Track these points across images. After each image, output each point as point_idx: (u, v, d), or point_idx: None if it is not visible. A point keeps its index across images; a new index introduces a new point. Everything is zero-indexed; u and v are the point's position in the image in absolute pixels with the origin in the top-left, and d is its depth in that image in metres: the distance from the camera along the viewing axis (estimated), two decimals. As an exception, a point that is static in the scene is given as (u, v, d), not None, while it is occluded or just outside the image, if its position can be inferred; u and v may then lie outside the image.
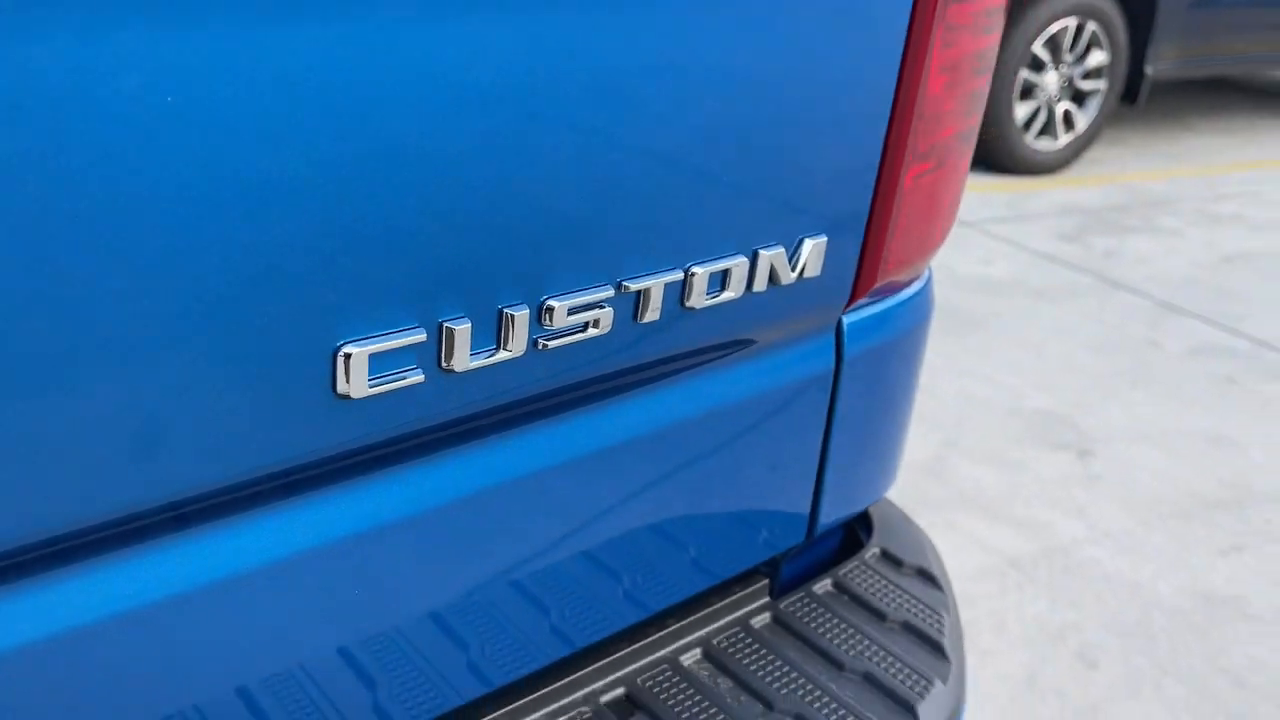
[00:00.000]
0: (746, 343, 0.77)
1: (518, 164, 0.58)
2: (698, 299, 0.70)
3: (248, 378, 0.54)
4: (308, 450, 0.58)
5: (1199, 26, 6.18)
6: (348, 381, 0.56)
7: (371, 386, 0.57)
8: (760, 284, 0.73)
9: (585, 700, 0.79)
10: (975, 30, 0.81)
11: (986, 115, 5.57)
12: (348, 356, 0.56)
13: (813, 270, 0.75)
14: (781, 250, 0.73)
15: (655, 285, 0.67)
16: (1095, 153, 6.27)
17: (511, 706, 0.77)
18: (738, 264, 0.71)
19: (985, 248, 4.70)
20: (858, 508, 0.93)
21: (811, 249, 0.74)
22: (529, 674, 0.75)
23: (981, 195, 5.42)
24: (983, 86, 0.86)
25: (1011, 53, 5.46)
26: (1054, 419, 3.23)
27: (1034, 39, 5.54)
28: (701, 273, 0.69)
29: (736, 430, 0.80)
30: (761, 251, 0.72)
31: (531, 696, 0.77)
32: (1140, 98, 5.99)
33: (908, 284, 0.90)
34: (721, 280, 0.70)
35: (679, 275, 0.68)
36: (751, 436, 0.81)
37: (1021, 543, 2.61)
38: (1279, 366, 3.71)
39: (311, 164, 0.52)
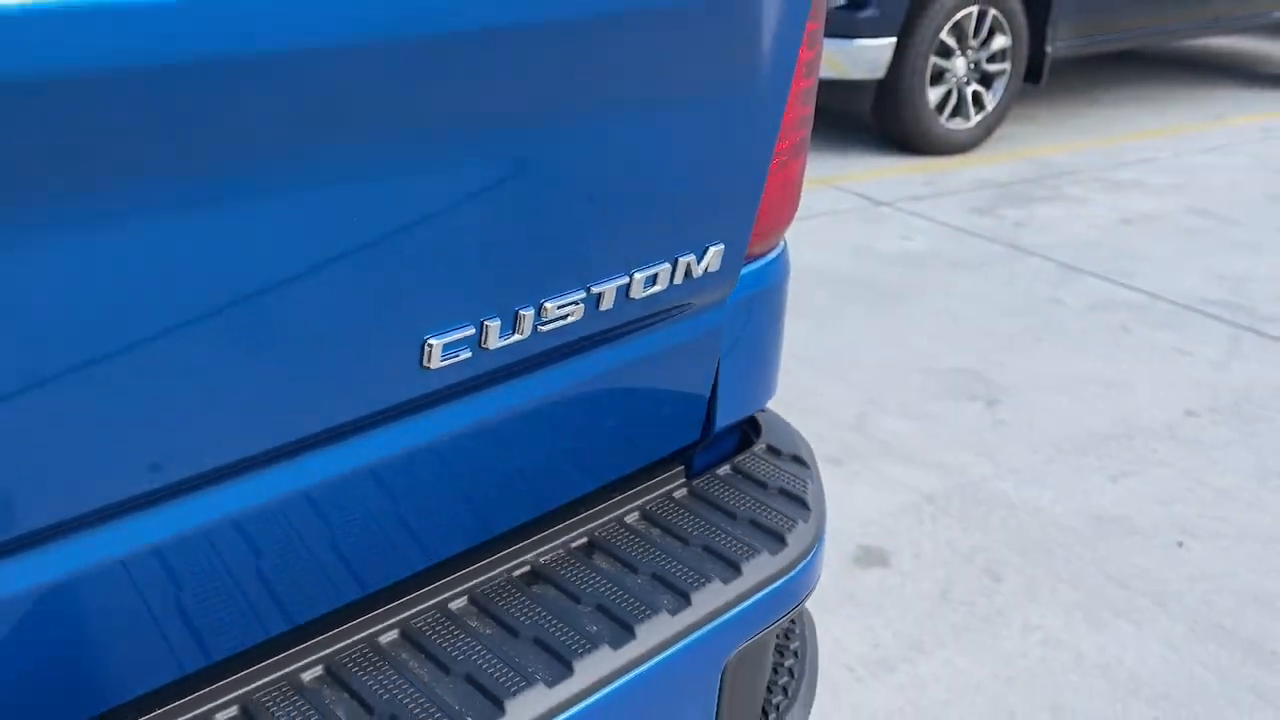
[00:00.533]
0: (670, 311, 1.08)
1: (527, 225, 0.92)
2: (638, 292, 1.02)
3: (378, 356, 0.87)
4: (404, 397, 0.92)
5: (1093, 5, 6.61)
6: (429, 360, 0.89)
7: (441, 361, 0.90)
8: (679, 279, 1.05)
9: (560, 546, 1.11)
10: (817, 52, 1.12)
11: (901, 100, 5.94)
12: (430, 345, 0.89)
13: (714, 267, 1.07)
14: (693, 256, 1.05)
15: (609, 288, 1.00)
16: (1005, 130, 6.67)
17: (506, 551, 1.11)
18: (664, 269, 1.02)
19: (905, 224, 5.05)
20: (746, 413, 1.25)
21: (714, 253, 1.07)
22: (511, 528, 1.08)
23: (901, 176, 5.78)
24: (813, 91, 1.18)
25: (921, 40, 5.82)
26: (966, 375, 3.58)
27: (941, 27, 5.91)
28: (640, 276, 1.02)
29: (661, 364, 1.12)
30: (680, 258, 1.04)
31: (519, 544, 1.10)
32: (1043, 76, 6.40)
33: (770, 251, 1.22)
34: (653, 279, 1.02)
35: (625, 279, 1.01)
36: (670, 367, 1.13)
37: (935, 481, 2.95)
38: (1168, 315, 4.09)
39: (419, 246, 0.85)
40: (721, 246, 1.07)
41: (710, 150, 1.02)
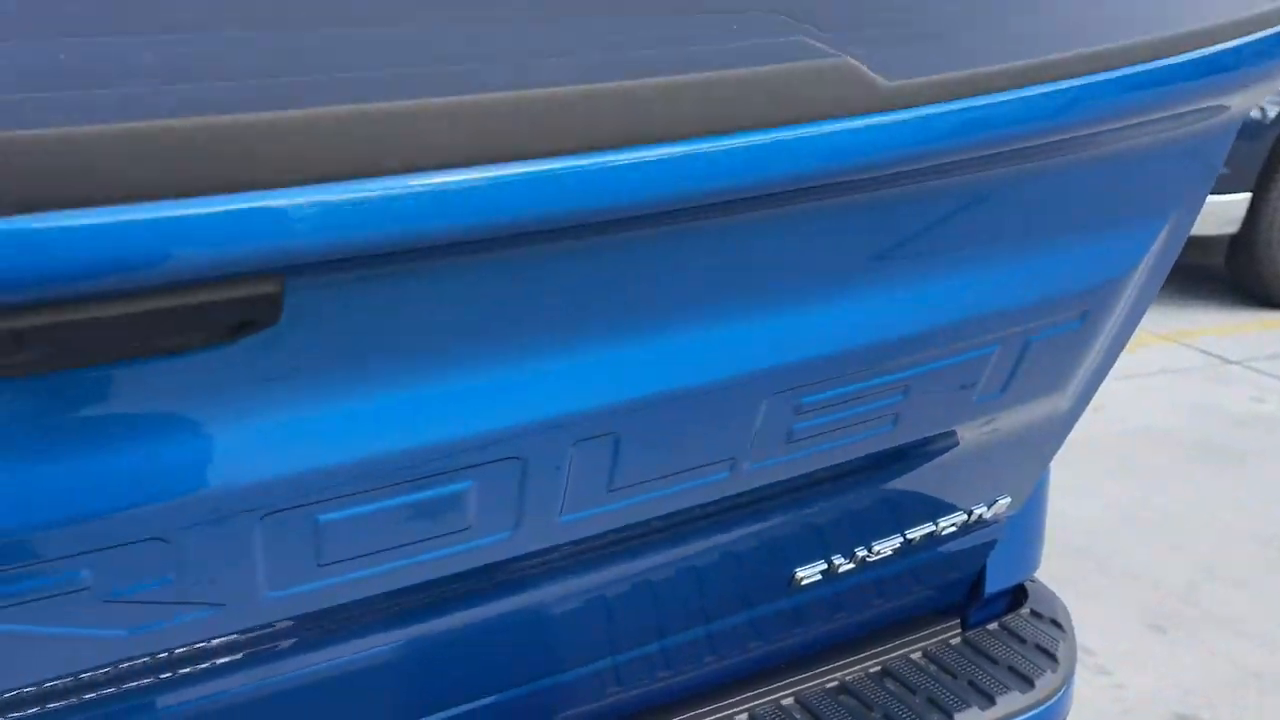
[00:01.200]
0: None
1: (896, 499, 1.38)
2: (939, 531, 1.40)
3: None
4: (773, 607, 1.38)
5: None
6: (796, 582, 1.32)
7: (803, 581, 1.32)
8: (971, 521, 1.42)
9: (862, 669, 1.48)
10: None
11: (1257, 253, 5.78)
12: (798, 574, 1.31)
13: (1003, 511, 1.45)
14: (985, 508, 1.42)
15: (923, 532, 1.38)
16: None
17: (825, 668, 1.47)
18: (959, 518, 1.40)
19: (1256, 385, 4.91)
20: (1011, 584, 1.59)
21: (1003, 504, 1.44)
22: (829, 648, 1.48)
23: (1256, 333, 5.59)
24: None
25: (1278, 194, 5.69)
26: (1313, 549, 3.49)
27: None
28: (941, 525, 1.40)
29: (945, 559, 1.49)
30: (974, 510, 1.41)
31: (833, 663, 1.47)
32: None
33: None
34: (948, 526, 1.39)
35: (933, 527, 1.39)
36: (952, 560, 1.51)
37: (1265, 658, 2.94)
38: None
39: None
40: (1010, 499, 1.45)
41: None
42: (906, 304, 1.02)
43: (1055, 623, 1.54)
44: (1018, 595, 1.61)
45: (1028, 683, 1.42)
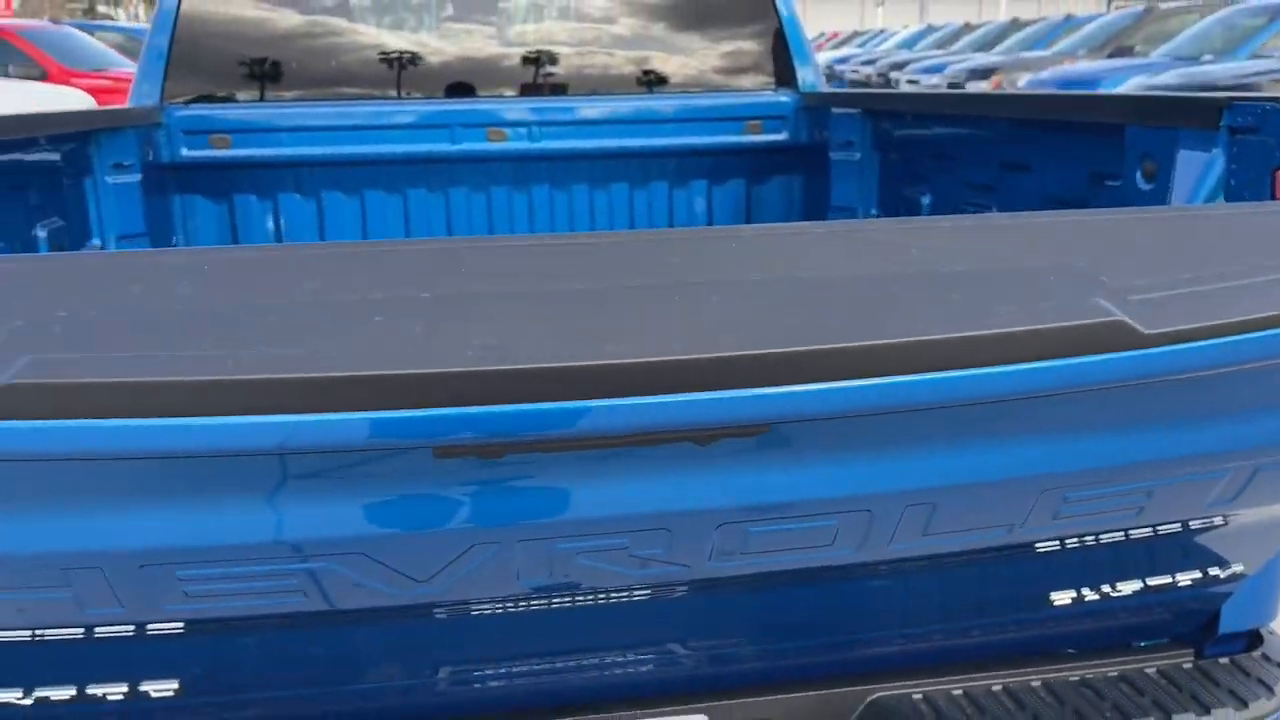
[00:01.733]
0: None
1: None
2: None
3: None
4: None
5: None
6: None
7: None
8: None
9: (1111, 672, 1.73)
10: None
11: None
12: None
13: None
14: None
15: (1130, 588, 1.67)
16: None
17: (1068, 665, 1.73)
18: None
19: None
20: (1245, 628, 1.79)
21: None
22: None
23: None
24: None
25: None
26: None
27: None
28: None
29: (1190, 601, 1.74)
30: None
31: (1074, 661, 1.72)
32: None
33: None
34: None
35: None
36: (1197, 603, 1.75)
37: None
38: None
39: None
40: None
41: None
42: (1157, 444, 1.37)
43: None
44: (1253, 640, 1.82)
45: (1241, 703, 1.65)
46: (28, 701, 1.41)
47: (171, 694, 1.44)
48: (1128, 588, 1.62)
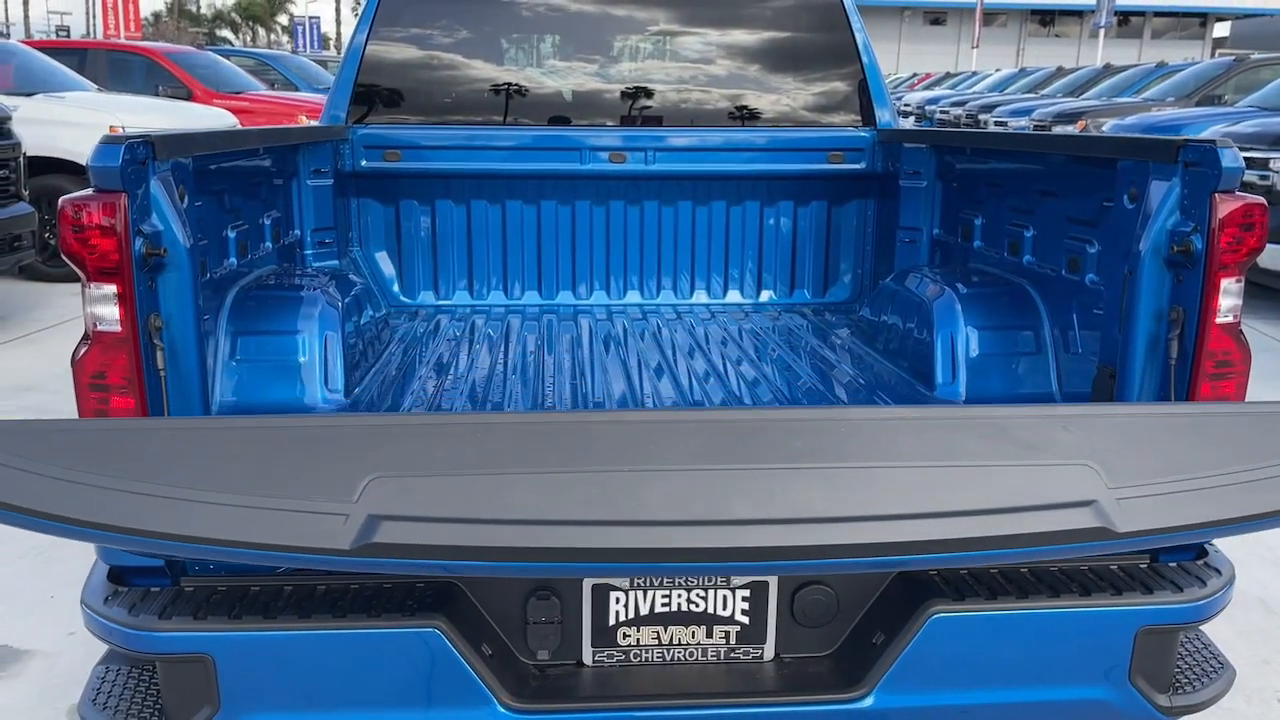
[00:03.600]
0: None
1: None
2: None
3: None
4: None
5: None
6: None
7: None
8: None
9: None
10: None
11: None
12: None
13: None
14: None
15: None
16: None
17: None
18: None
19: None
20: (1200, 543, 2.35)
21: None
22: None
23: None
24: None
25: None
26: None
27: None
28: None
29: None
30: None
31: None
32: None
33: None
34: None
35: None
36: None
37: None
38: None
39: None
40: None
41: None
42: None
43: (1216, 569, 2.28)
44: (1201, 551, 2.30)
45: (1177, 589, 2.18)
46: None
47: None
48: None
